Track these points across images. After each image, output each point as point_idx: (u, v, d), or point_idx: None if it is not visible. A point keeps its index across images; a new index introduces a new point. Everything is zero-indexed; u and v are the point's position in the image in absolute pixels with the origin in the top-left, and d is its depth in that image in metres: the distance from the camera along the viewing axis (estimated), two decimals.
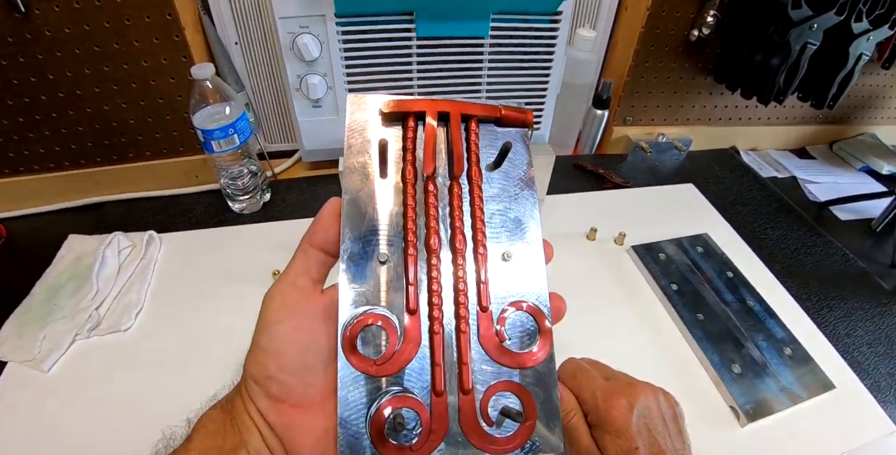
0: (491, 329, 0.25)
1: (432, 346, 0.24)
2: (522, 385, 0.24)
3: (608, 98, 0.72)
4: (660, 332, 0.51)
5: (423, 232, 0.25)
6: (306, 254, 0.26)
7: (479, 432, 0.23)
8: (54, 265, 0.55)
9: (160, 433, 0.29)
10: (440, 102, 0.27)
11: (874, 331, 0.54)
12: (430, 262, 0.25)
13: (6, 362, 0.46)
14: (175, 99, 0.61)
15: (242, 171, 0.61)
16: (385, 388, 0.23)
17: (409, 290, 0.24)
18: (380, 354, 0.24)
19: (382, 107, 0.27)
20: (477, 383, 0.24)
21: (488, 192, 0.27)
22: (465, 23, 0.60)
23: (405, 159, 0.26)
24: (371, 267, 0.25)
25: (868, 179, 0.82)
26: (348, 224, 0.25)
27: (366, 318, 0.24)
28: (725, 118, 0.81)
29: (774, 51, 0.62)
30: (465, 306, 0.25)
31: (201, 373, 0.34)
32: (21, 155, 0.61)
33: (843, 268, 0.62)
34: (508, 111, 0.28)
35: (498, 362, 0.25)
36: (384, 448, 0.23)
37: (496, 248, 0.26)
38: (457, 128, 0.27)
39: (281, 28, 0.56)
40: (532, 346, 0.25)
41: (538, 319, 0.26)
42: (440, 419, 0.23)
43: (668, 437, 0.34)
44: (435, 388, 0.24)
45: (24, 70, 0.55)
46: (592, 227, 0.61)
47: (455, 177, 0.27)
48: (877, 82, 0.81)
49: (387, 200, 0.26)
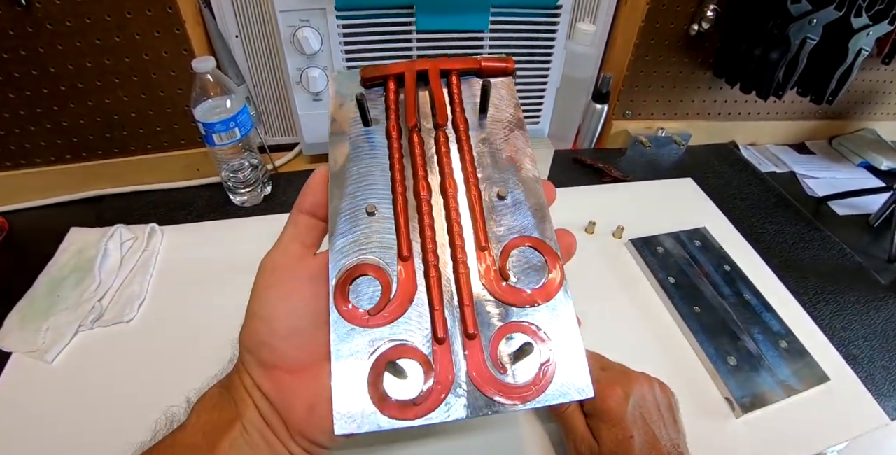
0: (492, 268, 0.23)
1: (429, 291, 0.22)
2: (535, 325, 0.22)
3: (608, 92, 0.72)
4: (657, 325, 0.51)
5: (412, 182, 0.25)
6: (295, 221, 0.26)
7: (491, 380, 0.21)
8: (57, 257, 0.55)
9: (168, 410, 0.29)
10: (417, 62, 0.27)
11: (870, 324, 0.55)
12: (421, 209, 0.24)
13: (10, 353, 0.46)
14: (176, 92, 0.61)
15: (243, 164, 0.62)
16: (381, 340, 0.22)
17: (400, 235, 0.23)
18: (374, 305, 0.22)
19: (361, 72, 0.27)
20: (483, 326, 0.22)
21: (477, 136, 0.26)
22: (464, 16, 0.60)
23: (388, 118, 0.26)
24: (360, 219, 0.24)
25: (867, 175, 0.83)
26: (335, 183, 0.25)
27: (356, 268, 0.23)
28: (725, 113, 0.81)
29: (774, 45, 0.62)
30: (461, 248, 0.23)
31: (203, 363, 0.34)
32: (23, 148, 0.62)
33: (841, 262, 0.62)
34: (488, 62, 0.28)
35: (505, 302, 0.22)
36: (384, 406, 0.21)
37: (491, 189, 0.25)
38: (436, 80, 0.27)
39: (281, 21, 0.56)
40: (541, 281, 0.23)
41: (544, 253, 0.23)
42: (445, 368, 0.21)
43: (662, 427, 0.35)
44: (436, 335, 0.21)
45: (26, 63, 0.55)
46: (591, 221, 0.61)
47: (440, 126, 0.26)
48: (877, 78, 0.81)
49: (374, 157, 0.26)
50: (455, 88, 0.27)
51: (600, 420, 0.34)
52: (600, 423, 0.34)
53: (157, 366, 0.46)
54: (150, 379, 0.45)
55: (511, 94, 0.28)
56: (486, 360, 0.21)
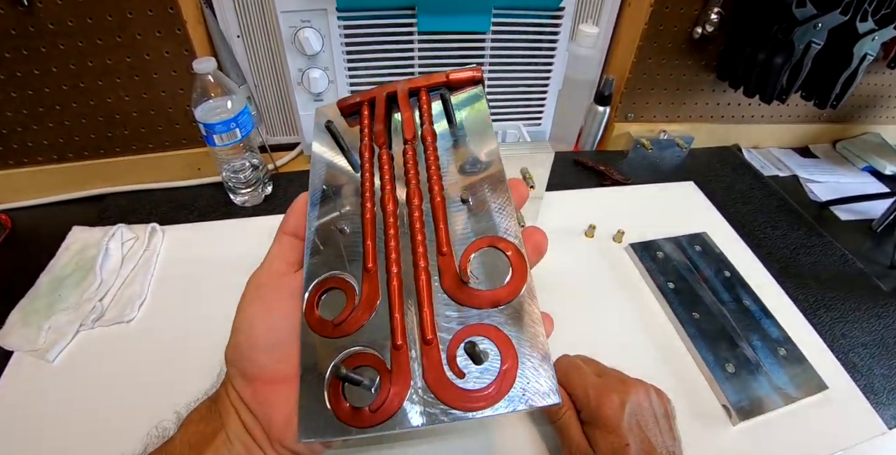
0: (453, 271, 0.23)
1: (390, 299, 0.23)
2: (495, 326, 0.21)
3: (610, 94, 0.71)
4: (655, 330, 0.51)
5: (380, 196, 0.26)
6: (280, 241, 0.28)
7: (449, 386, 0.20)
8: (58, 256, 0.56)
9: (159, 423, 0.30)
10: (387, 86, 0.29)
11: (870, 332, 0.54)
12: (387, 221, 0.25)
13: (12, 352, 0.47)
14: (177, 92, 0.61)
15: (244, 165, 0.62)
16: (345, 349, 0.22)
17: (366, 248, 0.24)
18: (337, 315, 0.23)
19: (337, 104, 0.29)
20: (441, 331, 0.21)
21: (445, 146, 0.27)
22: (466, 17, 0.59)
23: (361, 140, 0.28)
24: (332, 237, 0.26)
25: (871, 179, 0.82)
26: (313, 206, 0.27)
27: (325, 282, 0.24)
28: (728, 116, 0.81)
29: (778, 49, 0.62)
30: (423, 255, 0.23)
31: (203, 363, 0.34)
32: (25, 147, 0.62)
33: (842, 268, 0.62)
34: (456, 74, 0.28)
35: (464, 305, 0.22)
36: (342, 413, 0.21)
37: (455, 194, 0.25)
38: (404, 100, 0.29)
39: (283, 22, 0.56)
40: (504, 280, 0.22)
41: (507, 252, 0.23)
42: (401, 374, 0.21)
43: (659, 434, 0.35)
44: (393, 341, 0.22)
45: (28, 63, 0.55)
46: (591, 225, 0.61)
47: (408, 140, 0.27)
48: (882, 82, 0.81)
49: (350, 179, 0.27)
50: (425, 105, 0.28)
51: (596, 427, 0.35)
52: (596, 431, 0.34)
53: (157, 365, 0.46)
54: (151, 379, 0.45)
55: (482, 99, 0.29)
56: (444, 365, 0.21)
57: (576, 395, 0.37)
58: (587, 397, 0.36)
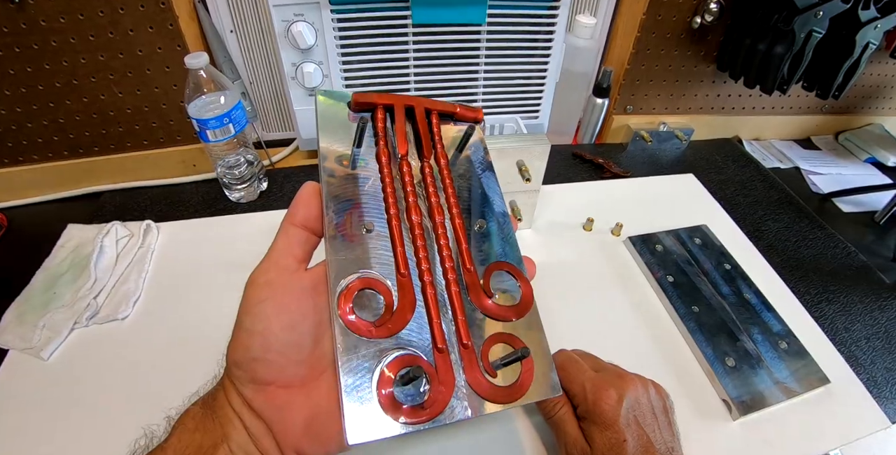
0: (478, 287, 0.27)
1: (427, 305, 0.25)
2: (514, 335, 0.26)
3: (608, 86, 0.71)
4: (654, 324, 0.51)
5: (403, 205, 0.27)
6: (288, 233, 0.25)
7: (485, 384, 0.24)
8: (54, 254, 0.56)
9: (152, 424, 0.29)
10: (404, 97, 0.31)
11: (873, 325, 0.54)
12: (413, 231, 0.26)
13: (7, 350, 0.47)
14: (171, 88, 0.60)
15: (239, 161, 0.61)
16: (388, 350, 0.23)
17: (396, 253, 0.26)
18: (377, 317, 0.24)
19: (353, 97, 0.30)
20: (473, 337, 0.25)
21: (455, 171, 0.30)
22: (461, 9, 0.59)
23: (377, 144, 0.29)
24: (358, 235, 0.26)
25: (874, 171, 0.81)
26: (331, 198, 0.26)
27: (360, 282, 0.24)
28: (729, 107, 0.80)
29: (778, 39, 0.61)
30: (452, 269, 0.26)
31: (198, 360, 0.34)
32: (20, 145, 0.62)
33: (844, 261, 0.61)
34: (463, 110, 0.32)
35: (490, 316, 0.26)
36: (396, 411, 0.22)
37: (471, 220, 0.29)
38: (422, 118, 0.30)
39: (275, 16, 0.56)
40: (516, 299, 0.27)
41: (516, 276, 0.28)
42: (446, 374, 0.24)
43: (657, 430, 0.34)
44: (437, 345, 0.24)
45: (21, 60, 0.55)
46: (589, 218, 0.60)
47: (425, 157, 0.29)
48: (885, 72, 0.80)
49: (366, 178, 0.28)
50: (435, 127, 0.31)
51: (593, 423, 0.34)
52: (593, 427, 0.34)
53: (151, 363, 0.46)
54: (145, 377, 0.45)
55: (483, 140, 0.32)
56: (479, 366, 0.24)
57: (573, 391, 0.36)
58: (584, 392, 0.35)
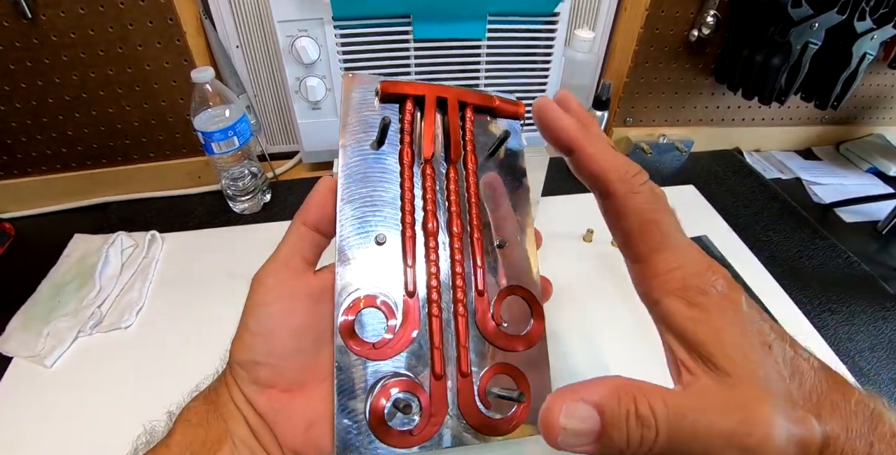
0: (487, 313, 0.25)
1: (431, 330, 0.24)
2: (518, 367, 0.24)
3: (608, 99, 0.71)
4: (655, 335, 0.50)
5: (421, 214, 0.25)
6: (299, 233, 0.24)
7: (478, 415, 0.23)
8: (60, 263, 0.56)
9: (148, 424, 0.29)
10: (437, 87, 0.27)
11: (876, 335, 0.53)
12: (427, 245, 0.25)
13: (12, 358, 0.47)
14: (177, 101, 0.62)
15: (243, 173, 0.62)
16: (384, 373, 0.23)
17: (407, 271, 0.24)
18: (378, 337, 0.23)
19: (381, 87, 0.26)
20: (474, 366, 0.24)
21: (483, 179, 0.27)
22: (461, 24, 0.60)
23: (402, 141, 0.26)
24: (368, 248, 0.24)
25: (875, 181, 0.81)
26: (346, 203, 0.24)
27: (364, 300, 0.23)
28: (728, 119, 0.80)
29: (775, 50, 0.61)
30: (462, 290, 0.24)
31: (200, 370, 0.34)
32: (29, 156, 0.63)
33: (847, 271, 0.61)
34: (502, 103, 0.28)
35: (495, 345, 0.24)
36: (385, 435, 0.22)
37: (490, 234, 0.26)
38: (455, 114, 0.27)
39: (280, 31, 0.57)
40: (526, 329, 0.25)
41: (531, 304, 0.25)
42: (440, 403, 0.23)
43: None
44: (434, 372, 0.23)
45: (32, 74, 0.56)
46: (589, 229, 0.61)
47: (452, 161, 0.26)
48: (884, 82, 0.80)
49: (385, 181, 0.25)
50: (469, 123, 0.27)
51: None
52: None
53: (154, 372, 0.46)
54: (148, 385, 0.45)
55: (520, 140, 0.28)
56: (475, 396, 0.23)
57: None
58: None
